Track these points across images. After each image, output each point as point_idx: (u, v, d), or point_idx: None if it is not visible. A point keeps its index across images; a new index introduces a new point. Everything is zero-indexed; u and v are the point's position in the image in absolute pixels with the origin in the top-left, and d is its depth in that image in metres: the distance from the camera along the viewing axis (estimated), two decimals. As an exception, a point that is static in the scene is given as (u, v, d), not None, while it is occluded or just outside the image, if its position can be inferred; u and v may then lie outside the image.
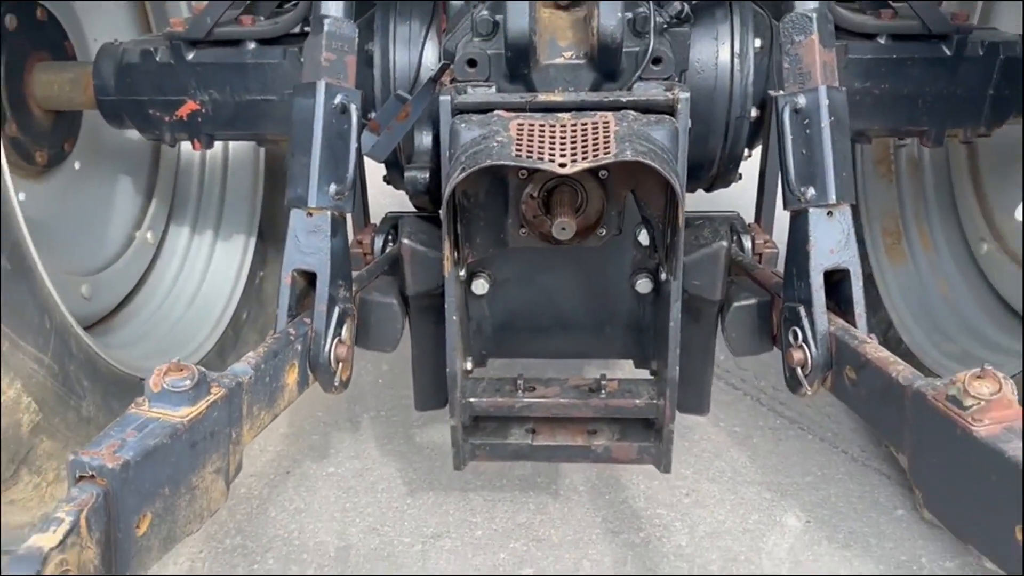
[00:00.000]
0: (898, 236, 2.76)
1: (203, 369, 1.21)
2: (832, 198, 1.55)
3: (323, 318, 1.56)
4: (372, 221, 2.12)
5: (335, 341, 1.57)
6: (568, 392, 1.75)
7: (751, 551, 2.32)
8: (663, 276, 1.67)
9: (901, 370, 1.29)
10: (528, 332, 1.86)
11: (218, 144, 2.66)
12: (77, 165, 2.42)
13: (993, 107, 2.09)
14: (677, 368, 1.64)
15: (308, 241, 1.59)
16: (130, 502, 1.07)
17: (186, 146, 2.83)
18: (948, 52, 2.06)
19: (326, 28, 1.68)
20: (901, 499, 2.49)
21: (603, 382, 1.74)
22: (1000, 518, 1.06)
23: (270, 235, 2.99)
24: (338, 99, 1.64)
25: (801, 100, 1.59)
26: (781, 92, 1.62)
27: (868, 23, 2.06)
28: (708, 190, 2.21)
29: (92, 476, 1.04)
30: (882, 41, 2.07)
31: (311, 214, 1.60)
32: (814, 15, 1.63)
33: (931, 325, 2.58)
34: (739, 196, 2.37)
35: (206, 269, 2.83)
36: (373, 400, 2.99)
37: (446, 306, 1.62)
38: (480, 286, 1.76)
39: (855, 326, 1.50)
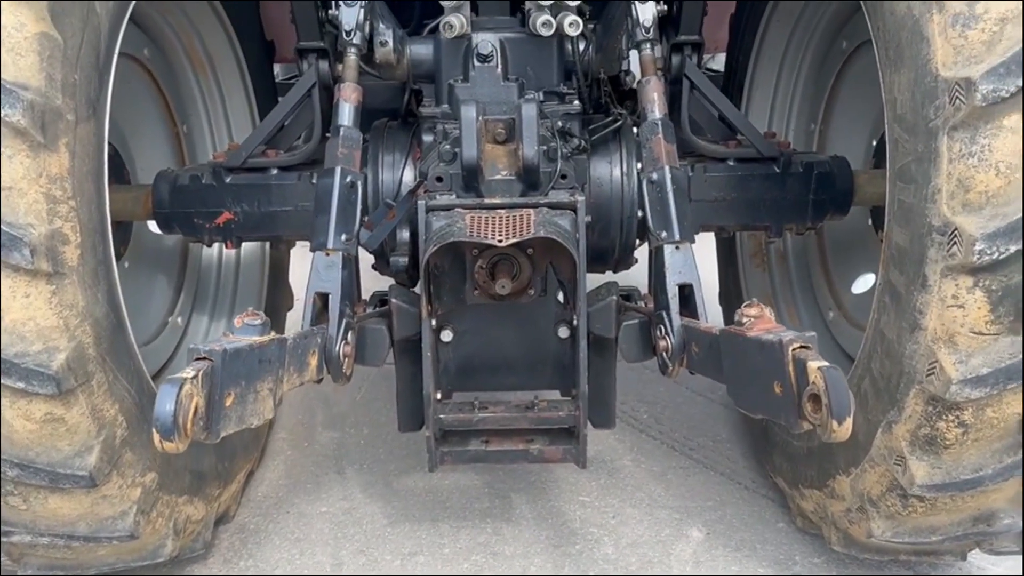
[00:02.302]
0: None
1: (267, 317, 1.93)
2: (677, 237, 2.35)
3: (335, 326, 2.25)
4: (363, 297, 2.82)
5: (342, 343, 2.24)
6: (511, 409, 2.42)
7: (663, 555, 2.93)
8: (576, 323, 2.38)
9: (715, 328, 2.03)
10: (482, 371, 2.52)
11: (231, 249, 3.37)
12: (127, 264, 3.08)
13: (814, 208, 2.87)
14: (586, 385, 2.33)
15: (325, 273, 2.31)
16: (223, 379, 1.76)
17: (206, 251, 3.54)
18: (777, 169, 2.85)
19: (342, 133, 2.50)
20: (782, 516, 3.12)
21: (536, 401, 2.43)
22: (765, 382, 1.76)
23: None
24: (348, 178, 2.45)
25: (654, 175, 2.43)
26: (642, 172, 2.45)
27: (719, 150, 2.86)
28: (615, 271, 2.95)
29: (204, 358, 1.73)
30: (731, 163, 2.86)
31: (328, 254, 2.32)
32: (659, 122, 2.47)
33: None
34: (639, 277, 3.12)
35: (221, 349, 3.47)
36: (357, 456, 3.58)
37: (422, 343, 2.31)
38: (447, 335, 2.45)
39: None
